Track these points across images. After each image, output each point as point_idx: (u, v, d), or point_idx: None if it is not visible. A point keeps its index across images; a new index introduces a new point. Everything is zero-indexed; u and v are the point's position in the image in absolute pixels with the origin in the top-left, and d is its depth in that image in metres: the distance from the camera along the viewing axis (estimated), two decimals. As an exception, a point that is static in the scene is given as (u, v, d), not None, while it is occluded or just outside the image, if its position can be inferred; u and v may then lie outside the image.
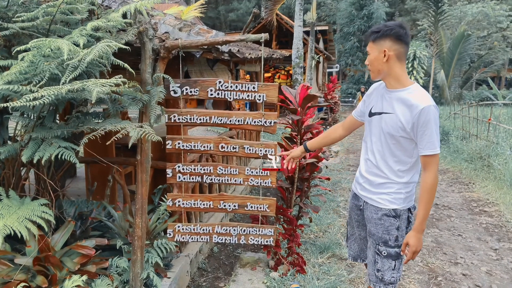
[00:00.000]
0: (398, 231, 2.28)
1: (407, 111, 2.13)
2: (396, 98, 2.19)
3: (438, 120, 2.12)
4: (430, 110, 2.06)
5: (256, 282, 3.53)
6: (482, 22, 26.78)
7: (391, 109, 2.21)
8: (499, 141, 8.81)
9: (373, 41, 2.19)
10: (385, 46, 2.14)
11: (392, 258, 2.30)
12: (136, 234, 2.89)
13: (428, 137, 2.09)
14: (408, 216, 2.30)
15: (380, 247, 2.31)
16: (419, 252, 2.18)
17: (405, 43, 2.15)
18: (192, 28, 3.25)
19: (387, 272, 2.31)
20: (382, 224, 2.30)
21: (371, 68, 2.25)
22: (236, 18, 39.49)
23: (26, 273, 2.48)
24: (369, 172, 2.38)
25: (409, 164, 2.24)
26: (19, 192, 2.78)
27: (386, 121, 2.23)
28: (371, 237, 2.37)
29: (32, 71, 2.26)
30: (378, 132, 2.30)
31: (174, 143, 3.06)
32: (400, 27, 2.14)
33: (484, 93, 24.30)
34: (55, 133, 2.46)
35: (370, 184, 2.37)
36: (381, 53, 2.16)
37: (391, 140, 2.22)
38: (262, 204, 3.16)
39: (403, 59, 2.19)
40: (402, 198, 2.27)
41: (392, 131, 2.20)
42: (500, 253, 4.48)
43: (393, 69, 2.18)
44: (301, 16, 12.09)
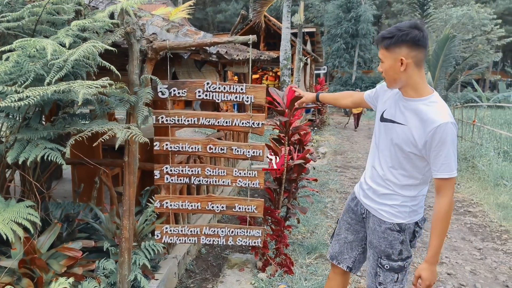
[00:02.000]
0: (402, 245, 2.12)
1: (421, 126, 1.91)
2: (411, 109, 1.97)
3: (455, 139, 1.88)
4: (447, 128, 1.83)
5: (244, 283, 3.54)
6: (467, 25, 27.17)
7: (404, 120, 2.00)
8: (483, 142, 8.97)
9: (386, 48, 1.94)
10: (402, 54, 1.89)
11: (395, 271, 2.15)
12: (123, 236, 2.88)
13: (443, 159, 1.86)
14: (414, 229, 2.14)
15: (383, 260, 2.16)
16: (433, 286, 2.03)
17: (424, 47, 1.90)
18: (180, 29, 3.25)
19: (389, 285, 2.17)
20: (386, 238, 2.13)
21: (386, 77, 2.01)
22: (224, 19, 39.50)
23: (12, 275, 2.45)
24: (373, 181, 2.21)
25: (419, 180, 2.07)
26: (4, 194, 2.75)
27: (397, 132, 2.03)
28: (373, 249, 2.22)
29: (18, 72, 2.24)
30: (388, 141, 2.11)
31: (162, 144, 3.05)
32: (416, 28, 1.88)
33: (469, 95, 24.68)
34: (41, 134, 2.44)
35: (374, 193, 2.20)
36: (397, 62, 1.91)
37: (401, 153, 2.03)
38: (250, 205, 3.17)
39: (421, 65, 1.95)
40: (407, 211, 2.10)
41: (403, 145, 2.00)
42: (484, 253, 4.56)
43: (412, 78, 1.94)
44: (288, 18, 12.14)
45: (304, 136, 4.26)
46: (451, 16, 26.48)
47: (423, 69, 1.98)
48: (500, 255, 4.49)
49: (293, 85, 3.40)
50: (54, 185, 3.53)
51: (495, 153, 8.39)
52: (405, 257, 2.14)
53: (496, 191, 6.71)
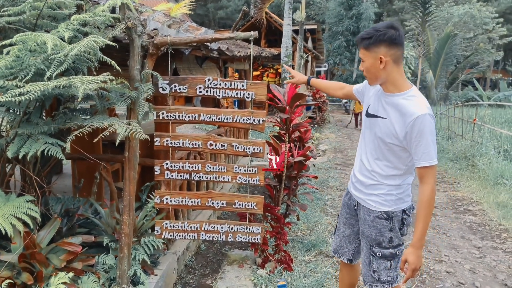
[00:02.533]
0: (391, 232, 2.23)
1: (401, 118, 2.04)
2: (392, 103, 2.10)
3: (434, 130, 2.01)
4: (425, 119, 1.96)
5: (244, 279, 3.55)
6: (468, 23, 27.14)
7: (385, 114, 2.13)
8: (483, 141, 8.96)
9: (366, 48, 2.06)
10: (381, 52, 2.01)
11: (387, 258, 2.26)
12: (123, 231, 2.88)
13: (423, 148, 1.98)
14: (402, 217, 2.24)
15: (375, 248, 2.27)
16: (418, 270, 2.13)
17: (400, 45, 2.03)
18: (181, 25, 3.24)
19: (383, 272, 2.28)
20: (375, 226, 2.25)
21: (367, 75, 2.14)
22: (225, 15, 39.42)
23: (11, 270, 2.46)
24: (361, 173, 2.34)
25: (402, 170, 2.18)
26: (4, 188, 2.76)
27: (380, 125, 2.16)
28: (365, 238, 2.33)
29: (18, 66, 2.23)
30: (372, 135, 2.24)
31: (163, 140, 3.05)
32: (392, 28, 2.01)
33: (470, 94, 24.66)
34: (41, 129, 2.44)
35: (362, 185, 2.33)
36: (377, 60, 2.04)
37: (384, 146, 2.16)
38: (250, 202, 3.17)
39: (400, 61, 2.08)
40: (393, 200, 2.21)
41: (385, 138, 2.13)
42: (483, 251, 4.56)
43: (391, 74, 2.07)
44: (290, 15, 12.12)
45: (304, 133, 4.26)
46: (452, 14, 26.45)
47: (401, 65, 2.10)
48: (500, 254, 4.50)
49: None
50: (54, 180, 3.53)
51: (495, 152, 8.39)
52: (396, 245, 2.25)
53: (496, 190, 6.72)
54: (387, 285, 2.31)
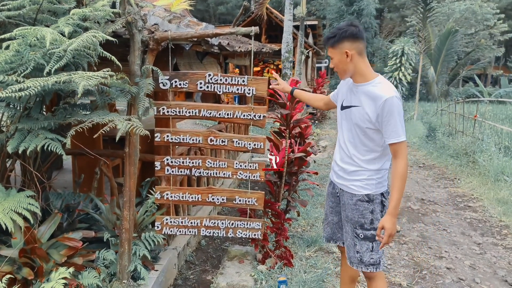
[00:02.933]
0: (372, 214, 2.40)
1: (372, 103, 2.26)
2: (362, 92, 2.33)
3: (401, 111, 2.24)
4: (393, 101, 2.19)
5: (244, 275, 3.55)
6: (469, 19, 27.03)
7: (358, 103, 2.35)
8: (484, 137, 8.94)
9: (332, 46, 2.31)
10: (346, 47, 2.26)
11: (369, 240, 2.42)
12: (123, 227, 2.88)
13: (392, 126, 2.20)
14: (381, 200, 2.42)
15: (357, 230, 2.44)
16: (394, 236, 2.30)
17: (361, 39, 2.28)
18: (181, 20, 3.23)
19: (365, 254, 2.44)
20: (357, 209, 2.42)
21: (337, 70, 2.39)
22: (226, 11, 39.28)
23: (12, 265, 2.46)
24: (343, 161, 2.51)
25: (378, 152, 2.37)
26: (4, 183, 2.75)
27: (355, 113, 2.36)
28: (348, 222, 2.49)
29: (18, 61, 2.23)
30: (349, 124, 2.44)
31: (163, 135, 3.04)
32: (352, 26, 2.28)
33: (471, 90, 24.60)
34: (41, 124, 2.43)
35: (344, 172, 2.49)
36: (343, 55, 2.28)
37: (360, 131, 2.36)
38: (251, 197, 3.17)
39: (363, 54, 2.32)
40: (374, 184, 2.39)
41: (360, 123, 2.33)
42: (483, 248, 4.56)
43: (358, 66, 2.31)
44: (291, 10, 12.08)
45: (305, 129, 4.25)
46: (454, 10, 26.33)
47: (366, 58, 2.35)
48: (500, 250, 4.50)
49: (295, 77, 3.41)
50: (55, 175, 3.53)
51: (496, 148, 8.36)
52: (377, 227, 2.38)
53: (497, 186, 6.71)
54: (371, 268, 2.45)
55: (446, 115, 12.92)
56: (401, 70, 16.37)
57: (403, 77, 16.32)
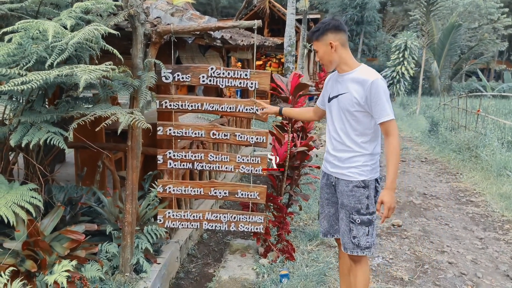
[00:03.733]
0: (368, 199, 2.47)
1: (359, 87, 2.37)
2: (348, 79, 2.44)
3: (387, 91, 2.36)
4: (378, 82, 2.32)
5: (246, 268, 3.56)
6: (473, 13, 26.86)
7: (345, 89, 2.45)
8: (487, 132, 8.91)
9: (317, 39, 2.45)
10: (329, 39, 2.40)
11: (365, 224, 2.49)
12: (126, 220, 2.89)
13: (381, 106, 2.31)
14: (375, 186, 2.51)
15: (354, 215, 2.49)
16: (393, 210, 2.40)
17: (344, 31, 2.44)
18: (184, 13, 3.21)
19: (362, 238, 2.50)
20: (354, 195, 2.48)
21: (323, 62, 2.51)
22: (228, 4, 39.08)
23: (15, 257, 2.47)
24: (336, 150, 2.56)
25: (369, 135, 2.46)
26: (7, 176, 2.76)
27: (342, 100, 2.47)
28: (344, 208, 2.54)
29: (21, 54, 2.22)
30: (337, 112, 2.52)
31: (165, 129, 3.04)
32: (334, 19, 2.44)
33: (474, 85, 24.48)
34: (44, 117, 2.43)
35: (339, 160, 2.54)
36: (328, 46, 2.42)
37: (350, 116, 2.45)
38: (253, 191, 3.17)
39: (346, 45, 2.48)
40: (368, 169, 2.47)
41: (349, 107, 2.42)
42: (485, 242, 4.56)
43: (342, 56, 2.45)
44: (294, 4, 12.02)
45: (307, 123, 4.24)
46: (457, 4, 26.17)
47: (348, 48, 2.49)
48: (502, 245, 4.49)
49: (297, 71, 3.41)
50: (57, 168, 3.53)
51: (498, 143, 8.33)
52: (372, 212, 2.50)
53: (499, 181, 6.69)
54: (366, 251, 2.52)
55: (448, 109, 12.87)
56: (404, 64, 16.33)
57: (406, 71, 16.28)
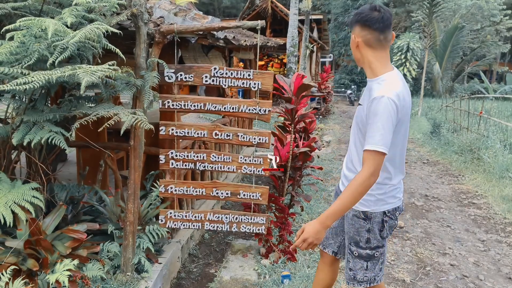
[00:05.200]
0: (369, 233, 2.12)
1: (368, 102, 1.96)
2: (368, 88, 2.06)
3: (389, 115, 1.85)
4: (381, 101, 1.85)
5: (247, 269, 3.55)
6: (476, 15, 26.81)
7: (362, 100, 2.08)
8: (489, 134, 8.90)
9: (350, 27, 2.08)
10: (355, 32, 2.00)
11: (363, 259, 2.18)
12: (128, 220, 2.88)
13: (371, 130, 1.86)
14: (382, 219, 2.11)
15: (352, 247, 2.20)
16: (311, 246, 1.95)
17: (373, 29, 1.93)
18: (187, 13, 3.21)
19: (359, 272, 2.20)
20: (353, 224, 2.17)
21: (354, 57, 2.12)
22: (230, 4, 39.10)
23: (17, 256, 2.47)
24: (347, 167, 2.23)
25: None
26: (9, 175, 2.76)
27: (357, 112, 2.11)
28: (346, 235, 2.27)
29: (23, 52, 2.22)
30: (354, 124, 2.17)
31: (168, 129, 3.04)
32: (371, 10, 1.94)
33: (476, 87, 24.44)
34: (47, 116, 2.43)
35: (346, 180, 2.19)
36: (353, 40, 2.04)
37: (359, 132, 2.08)
38: (255, 192, 3.16)
39: (375, 46, 1.98)
40: (372, 200, 2.08)
41: (359, 123, 2.06)
42: (487, 245, 4.55)
43: (365, 57, 2.02)
44: (296, 4, 12.02)
45: (309, 124, 4.23)
46: (460, 5, 26.12)
47: (379, 50, 2.00)
48: (504, 248, 4.48)
49: (299, 72, 3.38)
50: (60, 167, 3.53)
51: (501, 145, 8.32)
52: (374, 246, 2.14)
53: (501, 184, 6.67)
54: (364, 284, 2.21)
55: (450, 111, 12.85)
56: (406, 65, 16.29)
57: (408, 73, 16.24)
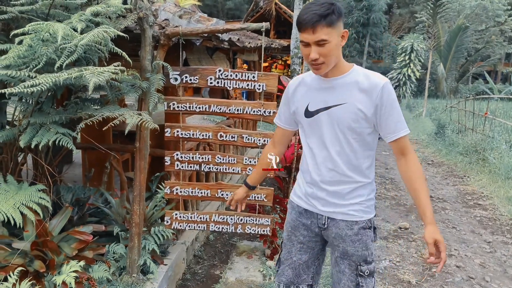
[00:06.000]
0: (372, 243, 1.97)
1: (364, 95, 1.77)
2: (344, 85, 1.80)
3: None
4: (390, 86, 1.77)
5: (252, 270, 3.56)
6: (480, 15, 26.73)
7: (341, 100, 1.80)
8: (494, 135, 8.86)
9: (330, 25, 1.66)
10: (342, 27, 1.74)
11: (372, 275, 1.95)
12: (133, 221, 2.90)
13: (397, 117, 1.77)
14: (374, 225, 2.00)
15: (362, 267, 1.92)
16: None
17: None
18: (192, 15, 3.23)
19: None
20: (360, 239, 1.91)
21: (329, 58, 1.71)
22: (234, 6, 39.16)
23: (24, 257, 2.48)
24: (332, 183, 1.89)
25: (371, 157, 1.91)
26: (16, 177, 2.78)
27: (338, 115, 1.81)
28: (348, 259, 1.94)
29: (31, 55, 2.24)
30: (331, 131, 1.85)
31: (173, 131, 3.05)
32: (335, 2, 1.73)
33: (480, 87, 24.34)
34: (53, 118, 2.45)
35: (338, 196, 1.90)
36: (339, 37, 1.73)
37: (352, 135, 1.83)
38: (260, 193, 3.17)
39: None
40: (372, 204, 1.94)
41: (351, 123, 1.80)
42: (493, 246, 4.53)
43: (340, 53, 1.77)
44: (300, 6, 11.99)
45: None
46: (464, 6, 26.05)
47: None
48: (510, 249, 4.46)
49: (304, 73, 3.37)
50: (65, 169, 3.55)
51: (506, 146, 8.28)
52: (374, 257, 2.00)
53: (507, 185, 6.65)
54: None
55: (455, 112, 12.81)
56: (410, 66, 16.26)
57: (412, 74, 16.21)
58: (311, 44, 1.69)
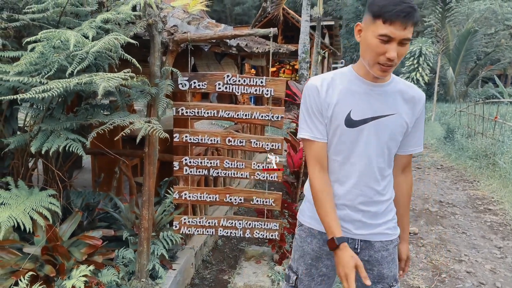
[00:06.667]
0: None
1: (408, 107, 1.63)
2: (392, 93, 1.63)
3: None
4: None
5: (261, 275, 3.56)
6: (489, 19, 26.56)
7: (392, 109, 1.62)
8: (505, 139, 8.77)
9: (416, 23, 1.46)
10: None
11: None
12: (142, 226, 2.91)
13: (421, 132, 1.69)
14: None
15: (394, 287, 1.78)
16: None
17: None
18: (200, 21, 3.25)
19: None
20: (393, 258, 1.78)
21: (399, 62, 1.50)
22: (242, 12, 39.34)
23: (35, 262, 2.51)
24: (371, 203, 1.69)
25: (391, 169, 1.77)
26: (27, 182, 2.81)
27: (388, 125, 1.62)
28: (383, 282, 1.76)
29: (43, 62, 2.27)
30: (376, 144, 1.64)
31: (182, 136, 3.07)
32: None
33: (490, 91, 24.15)
34: (64, 124, 2.48)
35: (373, 217, 1.71)
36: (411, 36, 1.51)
37: (395, 148, 1.69)
38: (268, 198, 3.17)
39: None
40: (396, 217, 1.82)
41: (398, 137, 1.66)
42: (504, 251, 4.48)
43: None
44: (308, 11, 12.05)
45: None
46: (473, 10, 25.90)
47: None
48: (521, 254, 4.42)
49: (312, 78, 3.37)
50: (75, 174, 3.59)
51: (517, 150, 8.20)
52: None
53: (517, 189, 6.58)
54: None
55: (465, 116, 12.71)
56: (418, 70, 16.20)
57: (421, 78, 16.14)
58: (395, 41, 1.45)
